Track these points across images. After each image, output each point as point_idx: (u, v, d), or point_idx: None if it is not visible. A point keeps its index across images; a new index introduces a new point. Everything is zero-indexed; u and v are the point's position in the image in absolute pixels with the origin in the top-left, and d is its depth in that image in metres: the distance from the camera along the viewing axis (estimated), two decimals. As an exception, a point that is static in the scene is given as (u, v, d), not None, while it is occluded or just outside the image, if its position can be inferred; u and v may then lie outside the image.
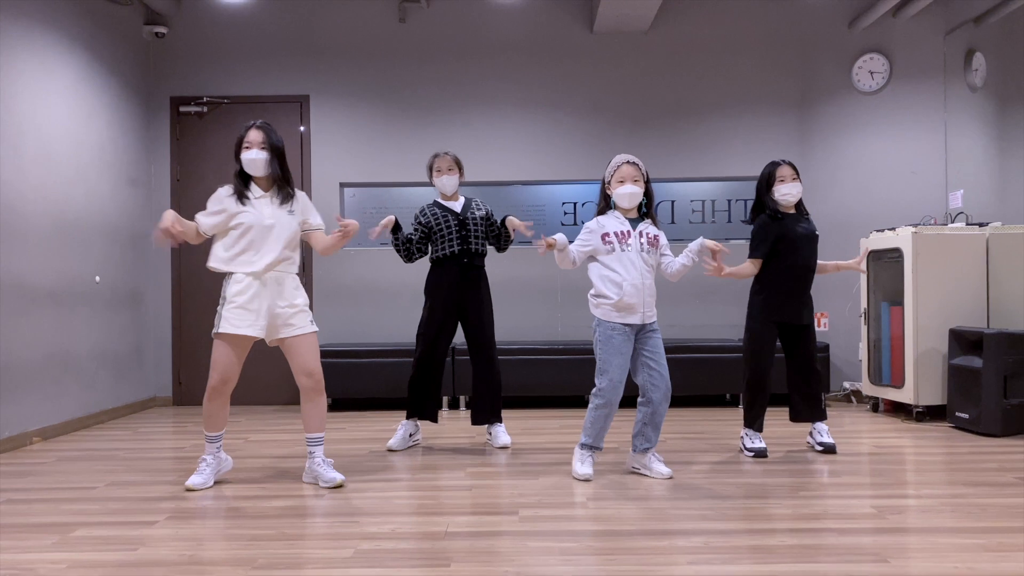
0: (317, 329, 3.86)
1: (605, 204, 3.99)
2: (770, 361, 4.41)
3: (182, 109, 6.73)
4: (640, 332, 3.90)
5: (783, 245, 4.38)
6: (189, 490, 3.71)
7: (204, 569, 2.64)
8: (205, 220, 3.85)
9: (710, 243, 4.05)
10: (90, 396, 5.71)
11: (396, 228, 4.61)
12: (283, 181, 3.87)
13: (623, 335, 3.85)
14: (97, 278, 5.81)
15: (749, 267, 4.47)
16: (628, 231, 3.88)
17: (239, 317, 3.69)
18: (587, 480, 3.83)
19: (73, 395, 5.49)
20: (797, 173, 4.42)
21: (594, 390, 3.86)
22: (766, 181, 4.44)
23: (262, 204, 3.82)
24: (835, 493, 3.57)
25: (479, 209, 4.71)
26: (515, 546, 2.85)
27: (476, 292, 4.64)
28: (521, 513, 3.28)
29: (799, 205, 4.49)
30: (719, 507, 3.33)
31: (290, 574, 2.59)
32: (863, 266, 4.63)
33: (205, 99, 6.73)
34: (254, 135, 3.81)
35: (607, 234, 3.87)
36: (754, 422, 4.44)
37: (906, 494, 3.55)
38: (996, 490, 3.59)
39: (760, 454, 4.36)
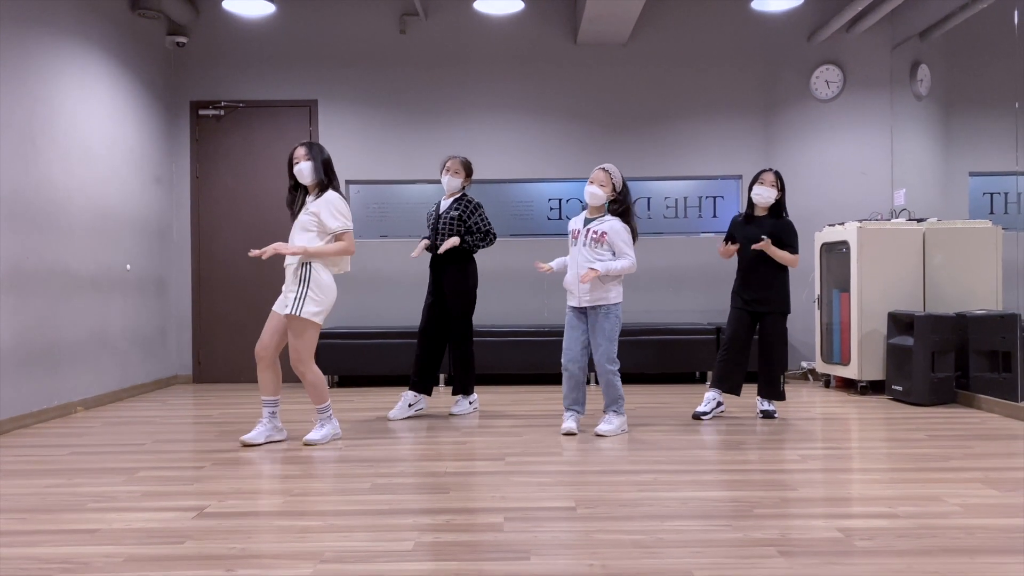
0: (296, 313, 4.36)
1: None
2: (729, 336, 5.16)
3: (201, 112, 7.37)
4: (590, 318, 4.66)
5: (740, 243, 5.15)
6: (244, 444, 4.37)
7: (250, 496, 3.31)
8: None
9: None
10: (124, 372, 6.37)
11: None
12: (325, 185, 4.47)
13: (571, 314, 4.71)
14: (128, 266, 6.46)
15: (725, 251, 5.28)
16: (578, 230, 4.71)
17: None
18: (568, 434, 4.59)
19: (110, 370, 6.15)
20: (778, 183, 5.13)
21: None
22: (752, 180, 5.18)
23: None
24: (770, 447, 4.25)
25: (455, 210, 5.29)
26: (501, 481, 3.53)
27: (446, 278, 5.27)
28: (507, 459, 3.96)
29: (775, 210, 5.16)
30: (671, 456, 4.02)
31: (320, 499, 3.26)
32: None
33: (222, 103, 7.37)
34: (299, 151, 4.44)
35: (569, 232, 4.75)
36: (716, 382, 5.18)
37: (831, 448, 4.24)
38: (907, 444, 4.28)
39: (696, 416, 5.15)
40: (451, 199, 5.37)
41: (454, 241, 5.17)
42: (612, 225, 4.63)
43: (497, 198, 7.51)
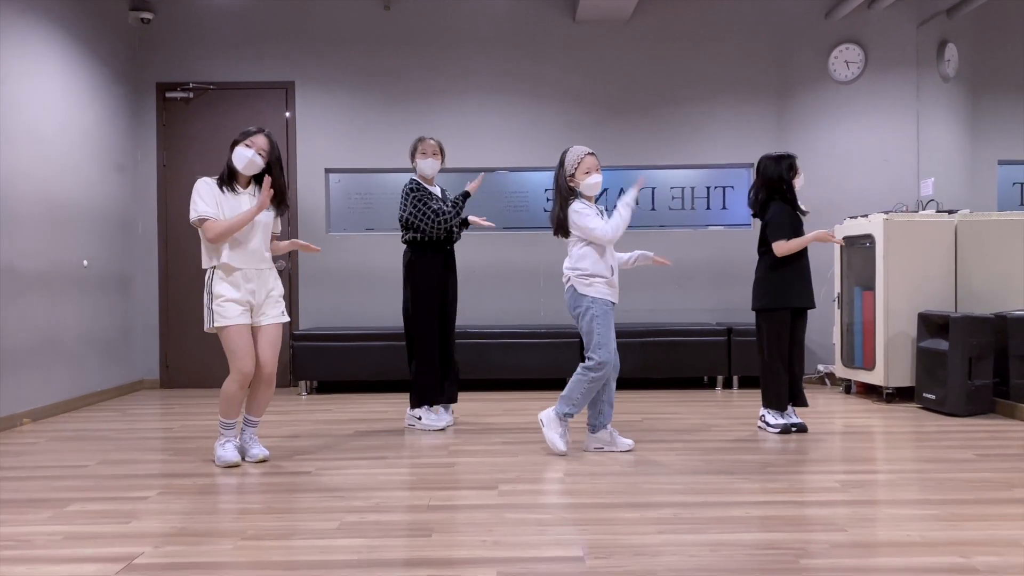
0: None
1: (570, 193, 4.12)
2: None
3: (168, 95, 6.79)
4: None
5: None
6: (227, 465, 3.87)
7: (195, 540, 2.76)
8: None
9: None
10: (79, 378, 5.80)
11: (465, 195, 4.81)
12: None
13: (613, 310, 4.12)
14: (85, 262, 5.89)
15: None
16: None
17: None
18: (564, 455, 3.99)
19: (62, 377, 5.58)
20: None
21: (592, 363, 4.00)
22: (788, 168, 4.55)
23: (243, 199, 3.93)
24: (801, 469, 3.72)
25: (443, 191, 4.91)
26: (494, 518, 2.98)
27: (455, 276, 4.84)
28: (500, 488, 3.41)
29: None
30: (689, 482, 3.48)
31: (278, 544, 2.71)
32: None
33: (191, 85, 6.79)
34: (261, 140, 3.86)
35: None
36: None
37: (870, 470, 3.71)
38: (955, 466, 3.76)
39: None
40: (437, 188, 4.87)
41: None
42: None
43: (488, 188, 6.95)
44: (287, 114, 6.85)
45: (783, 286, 4.52)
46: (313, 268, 6.85)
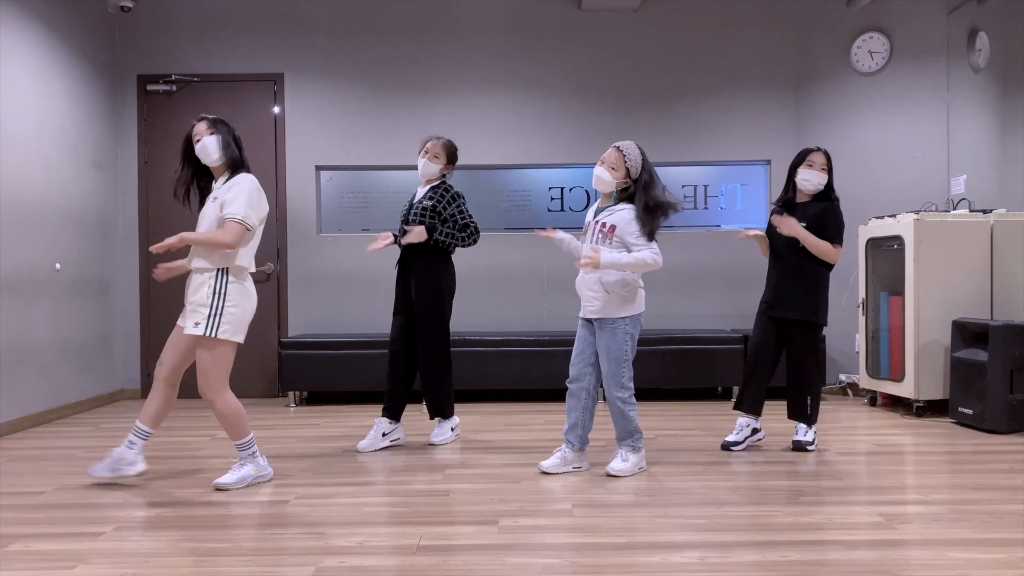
0: (203, 333, 3.45)
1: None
2: (757, 353, 4.30)
3: (150, 88, 6.40)
4: (596, 327, 3.78)
5: (773, 236, 4.32)
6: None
7: (146, 592, 2.38)
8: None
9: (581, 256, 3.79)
10: (50, 390, 5.41)
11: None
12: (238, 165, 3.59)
13: (580, 324, 3.85)
14: (57, 265, 5.50)
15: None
16: (590, 223, 3.80)
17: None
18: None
19: (33, 389, 5.19)
20: (829, 166, 4.25)
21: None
22: (796, 161, 4.27)
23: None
24: (837, 498, 3.33)
25: (428, 199, 4.38)
26: (493, 562, 2.59)
27: (414, 278, 4.38)
28: (501, 523, 3.02)
29: (822, 194, 4.27)
30: (714, 516, 3.09)
31: (241, 598, 2.33)
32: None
33: (174, 77, 6.40)
34: (199, 126, 3.54)
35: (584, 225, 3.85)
36: (739, 406, 4.37)
37: (913, 499, 3.31)
38: (1008, 495, 3.36)
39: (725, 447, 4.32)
40: (427, 187, 4.45)
41: (419, 232, 4.24)
42: (623, 216, 3.66)
43: (490, 187, 6.56)
44: (276, 109, 6.46)
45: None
46: (303, 271, 6.46)
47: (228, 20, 6.43)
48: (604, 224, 3.69)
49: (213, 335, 3.42)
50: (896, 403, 5.63)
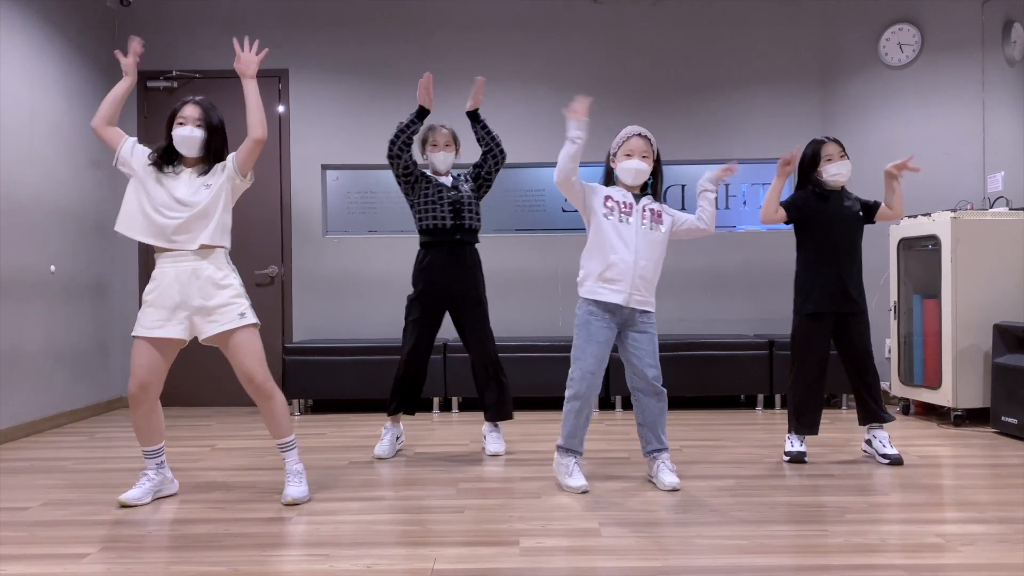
0: (255, 321, 3.31)
1: (608, 179, 3.61)
2: (822, 365, 3.97)
3: (150, 84, 6.18)
4: (628, 325, 3.46)
5: (818, 224, 3.98)
6: (124, 505, 3.25)
7: (130, 625, 2.13)
8: (127, 149, 3.43)
9: (718, 172, 3.66)
10: (44, 398, 5.17)
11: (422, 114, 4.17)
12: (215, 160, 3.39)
13: (601, 320, 3.44)
14: (52, 267, 5.27)
15: (774, 210, 4.00)
16: (631, 204, 3.51)
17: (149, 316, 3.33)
18: (583, 492, 3.39)
19: (26, 396, 4.95)
20: (844, 150, 4.03)
21: (567, 380, 3.47)
22: (810, 160, 4.03)
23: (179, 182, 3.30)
24: (887, 516, 3.06)
25: (465, 183, 4.23)
26: (516, 590, 2.34)
27: (471, 275, 4.16)
28: (522, 543, 2.76)
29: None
30: (755, 536, 2.82)
31: (236, 632, 2.08)
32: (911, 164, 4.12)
33: (175, 73, 6.18)
34: (190, 110, 3.28)
35: (609, 197, 3.51)
36: (798, 426, 4.00)
37: (969, 518, 3.04)
38: (1073, 512, 3.09)
39: (795, 459, 3.95)
40: (448, 176, 4.23)
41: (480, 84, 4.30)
42: (654, 201, 3.58)
43: (502, 186, 6.31)
44: (280, 107, 6.23)
45: None
46: (308, 274, 6.22)
47: (231, 15, 6.21)
48: (652, 210, 3.54)
49: (256, 321, 3.30)
50: (930, 411, 5.36)
